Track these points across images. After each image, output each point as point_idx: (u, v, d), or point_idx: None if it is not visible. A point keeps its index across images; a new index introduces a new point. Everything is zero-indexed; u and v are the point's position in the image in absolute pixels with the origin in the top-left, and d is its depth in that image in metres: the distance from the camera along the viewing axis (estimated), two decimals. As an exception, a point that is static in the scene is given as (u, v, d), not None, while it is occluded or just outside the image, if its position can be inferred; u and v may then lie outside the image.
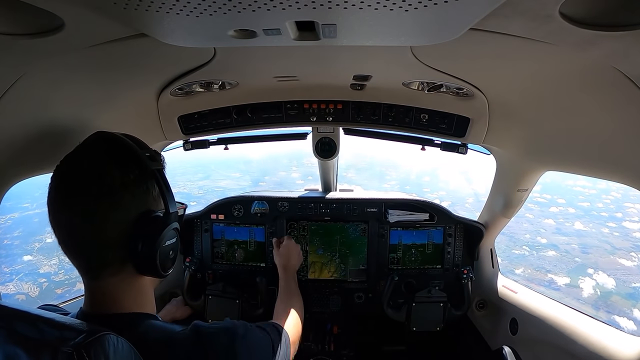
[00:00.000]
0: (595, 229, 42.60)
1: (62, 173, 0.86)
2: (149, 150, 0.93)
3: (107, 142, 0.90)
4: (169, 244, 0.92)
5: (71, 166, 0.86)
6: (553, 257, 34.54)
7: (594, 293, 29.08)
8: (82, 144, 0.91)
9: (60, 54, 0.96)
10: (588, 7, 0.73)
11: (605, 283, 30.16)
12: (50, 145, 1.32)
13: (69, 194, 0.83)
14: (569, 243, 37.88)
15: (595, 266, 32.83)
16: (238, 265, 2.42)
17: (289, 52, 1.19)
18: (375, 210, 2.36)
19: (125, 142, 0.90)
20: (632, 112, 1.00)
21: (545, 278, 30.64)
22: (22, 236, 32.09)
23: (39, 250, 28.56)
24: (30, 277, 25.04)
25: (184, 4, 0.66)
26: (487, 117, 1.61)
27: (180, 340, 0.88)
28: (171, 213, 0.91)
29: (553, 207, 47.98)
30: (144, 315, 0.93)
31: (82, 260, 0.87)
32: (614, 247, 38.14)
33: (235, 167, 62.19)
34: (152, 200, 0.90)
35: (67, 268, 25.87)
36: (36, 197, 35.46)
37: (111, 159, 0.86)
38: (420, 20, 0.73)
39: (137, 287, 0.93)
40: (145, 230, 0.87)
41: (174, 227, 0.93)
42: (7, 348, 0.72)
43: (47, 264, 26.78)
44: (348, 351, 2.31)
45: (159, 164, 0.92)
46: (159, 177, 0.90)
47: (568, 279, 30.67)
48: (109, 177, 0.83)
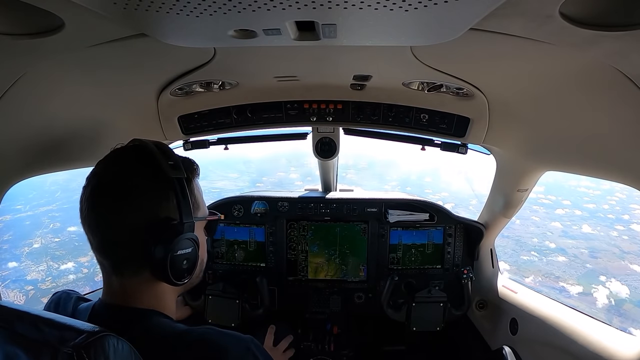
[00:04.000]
0: (603, 232, 41.36)
1: (91, 175, 0.92)
2: (174, 159, 0.95)
3: (136, 150, 0.95)
4: (182, 254, 0.93)
5: (99, 169, 0.92)
6: (562, 262, 33.39)
7: (608, 303, 27.88)
8: (116, 149, 0.97)
9: (60, 54, 0.96)
10: (588, 7, 0.73)
11: (619, 292, 28.92)
12: (50, 145, 1.32)
13: (95, 195, 0.89)
14: (577, 247, 36.65)
15: (605, 271, 31.71)
16: (238, 265, 2.42)
17: (289, 52, 1.19)
18: (375, 210, 2.36)
19: (151, 150, 0.93)
20: (632, 112, 1.00)
21: (556, 286, 29.60)
22: (12, 240, 30.90)
23: (28, 255, 27.72)
24: (16, 284, 23.94)
25: (184, 4, 0.66)
26: (487, 117, 1.61)
27: (185, 339, 0.88)
28: (185, 223, 0.93)
29: (559, 209, 46.92)
30: (156, 312, 0.94)
31: (105, 258, 0.92)
32: (623, 251, 36.86)
33: (234, 167, 61.58)
34: (173, 208, 0.92)
35: (55, 275, 25.06)
36: (30, 198, 34.58)
37: (135, 165, 0.91)
38: (420, 20, 0.73)
39: (156, 290, 0.96)
40: (157, 237, 0.89)
41: (188, 237, 0.94)
42: (7, 348, 0.72)
43: (35, 270, 25.85)
44: (348, 351, 2.31)
45: (181, 172, 0.94)
46: (177, 186, 0.92)
47: (581, 287, 29.39)
48: (130, 182, 0.89)
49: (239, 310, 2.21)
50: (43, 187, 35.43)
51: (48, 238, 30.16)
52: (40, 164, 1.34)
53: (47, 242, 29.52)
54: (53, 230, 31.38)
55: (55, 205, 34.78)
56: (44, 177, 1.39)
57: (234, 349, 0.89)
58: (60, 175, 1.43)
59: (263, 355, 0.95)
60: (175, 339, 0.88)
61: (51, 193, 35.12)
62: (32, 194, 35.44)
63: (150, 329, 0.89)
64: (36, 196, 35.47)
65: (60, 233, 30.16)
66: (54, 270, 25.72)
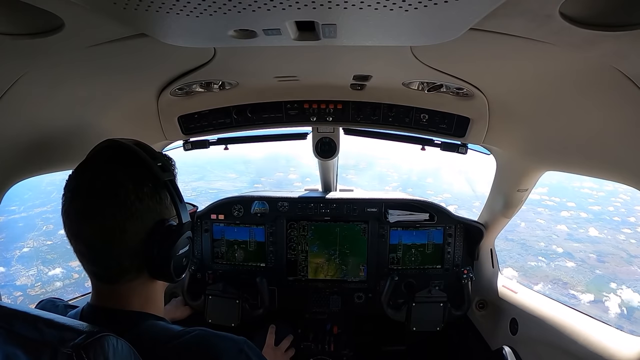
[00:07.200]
0: (610, 235, 40.49)
1: (76, 186, 0.87)
2: (161, 159, 0.95)
3: (120, 153, 0.90)
4: (182, 252, 0.95)
5: (85, 179, 0.87)
6: (570, 268, 32.59)
7: (621, 312, 27.28)
8: (93, 154, 0.92)
9: (60, 54, 0.96)
10: (588, 7, 0.73)
11: (631, 300, 28.21)
12: (50, 144, 1.32)
13: (85, 208, 0.84)
14: (584, 251, 35.89)
15: (615, 277, 30.99)
16: (238, 265, 2.42)
17: (289, 52, 1.19)
18: (375, 210, 2.36)
19: (137, 153, 0.90)
20: (632, 112, 1.00)
21: (565, 292, 28.88)
22: (4, 242, 29.94)
23: (18, 259, 26.71)
24: (5, 289, 22.80)
25: (184, 4, 0.66)
26: (487, 117, 1.61)
27: (179, 341, 0.88)
28: (184, 223, 0.94)
29: (564, 212, 46.11)
30: (149, 315, 0.94)
31: (100, 269, 0.90)
32: (630, 254, 36.24)
33: (233, 167, 61.17)
34: (165, 208, 0.92)
35: (45, 280, 24.14)
36: (25, 199, 33.77)
37: (124, 171, 0.87)
38: (420, 20, 0.73)
39: (148, 290, 0.96)
40: (160, 240, 0.89)
41: (187, 236, 0.96)
42: (6, 349, 0.71)
43: (25, 275, 24.81)
44: (348, 351, 2.31)
45: (171, 173, 0.94)
46: (171, 187, 0.93)
47: (591, 294, 28.66)
48: (124, 191, 0.85)
49: (239, 310, 2.21)
50: (39, 188, 34.45)
51: (40, 241, 29.27)
52: (40, 164, 1.33)
53: (38, 244, 28.65)
54: (45, 232, 30.37)
55: (50, 206, 33.71)
56: (40, 177, 1.38)
57: (228, 351, 0.90)
58: (57, 175, 1.41)
59: (257, 356, 0.96)
60: (170, 341, 0.88)
61: (47, 194, 34.13)
62: (28, 195, 34.73)
63: (145, 332, 0.88)
64: (31, 197, 34.65)
65: (52, 236, 29.12)
66: (44, 276, 24.94)
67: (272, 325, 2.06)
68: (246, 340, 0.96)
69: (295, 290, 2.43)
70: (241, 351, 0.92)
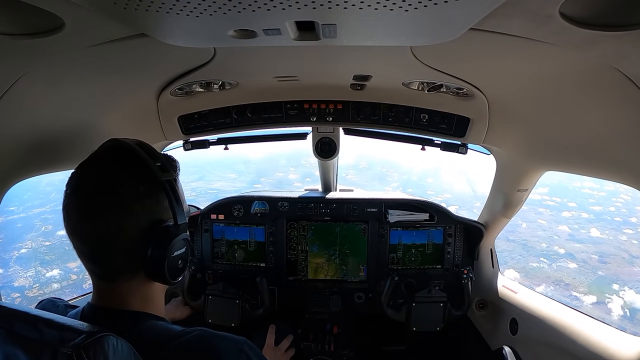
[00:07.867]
0: (612, 236, 40.01)
1: (77, 184, 0.88)
2: (161, 159, 0.94)
3: (119, 152, 0.92)
4: (178, 254, 0.94)
5: (85, 177, 0.89)
6: (572, 269, 32.15)
7: (623, 314, 26.93)
8: (95, 153, 0.93)
9: (60, 54, 0.96)
10: (588, 7, 0.73)
11: (633, 301, 27.76)
12: (50, 144, 1.32)
13: (84, 206, 0.86)
14: (585, 252, 35.41)
15: (617, 278, 30.59)
16: (238, 265, 2.42)
17: (289, 52, 1.19)
18: (375, 210, 2.36)
19: (137, 152, 0.91)
20: (632, 112, 1.00)
21: (567, 294, 28.50)
22: (3, 244, 29.19)
23: (17, 260, 26.28)
24: (3, 290, 22.42)
25: (184, 4, 0.66)
26: (487, 117, 1.61)
27: (179, 341, 0.88)
28: (180, 225, 0.93)
29: (565, 212, 45.63)
30: (149, 315, 0.94)
31: (97, 267, 0.90)
32: (632, 255, 35.75)
33: (233, 167, 60.88)
34: (163, 210, 0.92)
35: (42, 282, 23.87)
36: (24, 199, 33.40)
37: (123, 170, 0.88)
38: (420, 20, 0.73)
39: (147, 290, 0.96)
40: (155, 240, 0.89)
41: (183, 238, 0.95)
42: (6, 349, 0.72)
43: (23, 276, 24.41)
44: (348, 351, 2.31)
45: (170, 174, 0.94)
46: (169, 188, 0.92)
47: (594, 296, 28.29)
48: (121, 189, 0.86)
49: (239, 310, 2.21)
50: (38, 188, 34.19)
51: (38, 241, 28.99)
52: (40, 164, 1.33)
53: (37, 245, 28.37)
54: (44, 233, 30.11)
55: (49, 206, 33.46)
56: (39, 177, 1.38)
57: (228, 351, 0.90)
58: (56, 175, 1.41)
59: (257, 356, 0.96)
60: (170, 341, 0.88)
61: (46, 194, 33.90)
62: (27, 195, 34.36)
63: (145, 332, 0.89)
64: (30, 197, 34.25)
65: (51, 236, 28.93)
66: (42, 277, 24.72)
67: (272, 325, 2.06)
68: (246, 340, 0.96)
69: (295, 290, 2.43)
70: (241, 351, 0.92)
